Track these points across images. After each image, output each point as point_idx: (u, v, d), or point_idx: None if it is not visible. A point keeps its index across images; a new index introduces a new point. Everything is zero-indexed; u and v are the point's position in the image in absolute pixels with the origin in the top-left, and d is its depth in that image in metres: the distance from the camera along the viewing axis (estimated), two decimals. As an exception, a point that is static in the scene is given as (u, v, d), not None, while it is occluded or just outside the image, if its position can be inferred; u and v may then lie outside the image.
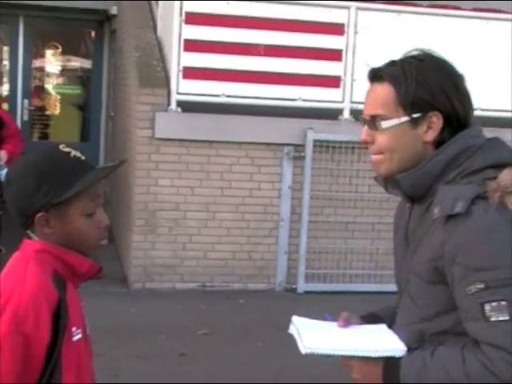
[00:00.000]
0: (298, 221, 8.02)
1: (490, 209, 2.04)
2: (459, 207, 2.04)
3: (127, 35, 9.10)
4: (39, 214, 2.21)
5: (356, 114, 7.87)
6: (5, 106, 12.11)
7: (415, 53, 2.25)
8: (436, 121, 2.18)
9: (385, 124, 2.20)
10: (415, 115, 2.17)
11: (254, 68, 7.84)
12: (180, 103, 7.75)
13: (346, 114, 8.05)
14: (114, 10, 10.66)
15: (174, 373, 5.85)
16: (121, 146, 9.43)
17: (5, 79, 12.36)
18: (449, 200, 2.07)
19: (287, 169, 7.97)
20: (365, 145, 2.28)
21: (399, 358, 2.16)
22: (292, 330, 2.33)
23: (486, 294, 2.01)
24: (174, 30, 7.70)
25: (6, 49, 12.38)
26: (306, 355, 2.18)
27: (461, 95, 2.20)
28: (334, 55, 7.96)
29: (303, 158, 7.92)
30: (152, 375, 5.78)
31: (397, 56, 2.27)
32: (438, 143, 2.20)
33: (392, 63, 2.23)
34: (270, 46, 7.83)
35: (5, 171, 7.41)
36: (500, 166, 2.12)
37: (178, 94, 7.74)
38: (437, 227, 2.11)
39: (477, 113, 2.28)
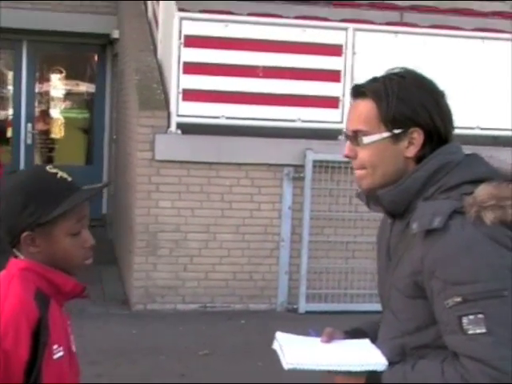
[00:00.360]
0: (299, 241, 8.05)
1: (466, 223, 2.07)
2: (437, 222, 2.07)
3: (128, 58, 9.18)
4: (25, 233, 2.25)
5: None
6: (9, 130, 12.23)
7: (397, 70, 2.29)
8: (417, 136, 2.21)
9: (366, 139, 2.23)
10: (396, 131, 2.21)
11: (253, 89, 7.90)
12: (180, 125, 7.82)
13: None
14: (115, 34, 10.76)
15: (174, 394, 5.89)
16: (123, 168, 9.50)
17: (9, 103, 12.47)
18: (427, 215, 2.11)
19: (287, 189, 8.02)
20: (349, 159, 2.32)
21: (381, 372, 2.19)
22: (275, 345, 2.35)
23: (463, 308, 2.04)
24: (173, 53, 7.78)
25: (10, 73, 12.50)
26: (289, 370, 2.21)
27: (441, 111, 2.24)
28: (333, 76, 8.01)
29: (303, 178, 7.96)
30: (152, 396, 5.81)
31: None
32: (420, 158, 2.23)
33: (374, 80, 2.27)
34: (268, 68, 7.90)
35: None
36: (477, 182, 2.15)
37: (178, 116, 7.81)
38: (416, 242, 2.14)
39: (476, 132, 2.33)
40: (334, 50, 8.06)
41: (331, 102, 8.04)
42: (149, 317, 7.76)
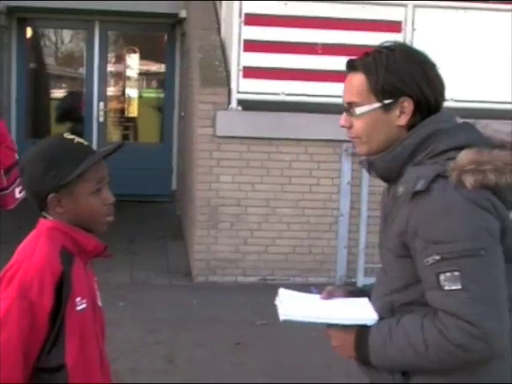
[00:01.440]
0: (357, 215, 8.16)
1: (448, 187, 2.21)
2: (420, 185, 2.21)
3: (193, 37, 9.38)
4: (51, 195, 2.47)
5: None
6: (81, 109, 12.61)
7: (388, 44, 2.43)
8: (407, 105, 2.34)
9: (359, 110, 2.38)
10: (387, 101, 2.35)
11: (312, 66, 8.00)
12: (240, 102, 7.99)
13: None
14: (183, 13, 10.97)
15: (226, 361, 6.08)
16: (188, 144, 9.73)
17: (82, 83, 12.84)
18: (412, 179, 2.25)
19: (346, 165, 8.12)
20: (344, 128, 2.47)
21: (370, 326, 2.34)
22: (277, 300, 2.52)
23: (441, 265, 2.18)
24: (233, 31, 7.94)
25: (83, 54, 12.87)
26: (284, 322, 2.37)
27: (430, 82, 2.36)
28: (392, 52, 8.04)
29: (362, 154, 8.03)
30: (204, 363, 6.02)
31: (455, 53, 2.44)
32: (412, 127, 2.37)
33: (366, 54, 2.41)
34: (327, 45, 7.98)
35: None
36: (462, 148, 2.27)
37: (239, 92, 7.98)
38: (403, 204, 2.28)
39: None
40: (394, 27, 8.10)
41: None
42: (210, 288, 7.98)
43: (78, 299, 2.44)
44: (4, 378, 2.34)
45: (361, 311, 2.41)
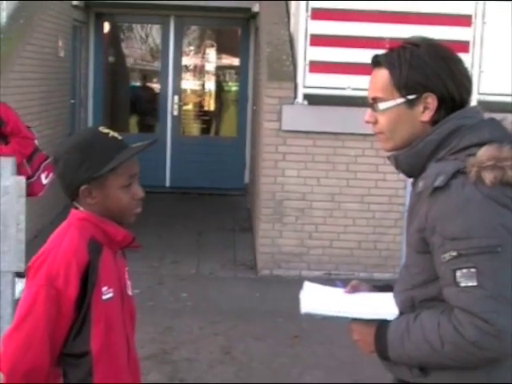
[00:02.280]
0: (423, 212, 8.07)
1: (468, 183, 2.19)
2: (439, 181, 2.20)
3: (263, 32, 9.43)
4: (83, 187, 2.54)
5: (484, 105, 7.83)
6: (155, 102, 12.81)
7: (413, 39, 2.41)
8: (431, 101, 2.33)
9: (382, 106, 2.38)
10: (410, 97, 2.34)
11: (379, 61, 7.94)
12: (306, 96, 8.01)
13: (471, 105, 8.00)
14: (256, 8, 11.01)
15: (284, 354, 6.12)
16: (257, 138, 9.79)
17: (157, 77, 13.05)
18: (432, 175, 2.24)
19: (412, 160, 8.04)
20: (369, 124, 2.47)
21: (390, 321, 2.34)
22: (301, 293, 2.54)
23: (458, 262, 2.17)
24: (300, 26, 7.96)
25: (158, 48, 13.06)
26: (305, 315, 2.40)
27: (455, 77, 2.34)
28: (462, 47, 7.92)
29: (428, 149, 7.96)
30: (261, 355, 6.07)
31: None
32: (436, 123, 2.35)
33: (391, 49, 2.41)
34: (395, 39, 7.87)
35: None
36: (485, 144, 2.25)
37: (305, 87, 8.00)
38: (423, 200, 2.28)
39: None
40: (464, 21, 7.99)
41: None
42: (273, 282, 8.03)
43: (105, 288, 2.51)
44: (31, 361, 2.43)
45: (383, 306, 2.41)
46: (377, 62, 2.42)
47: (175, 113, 12.63)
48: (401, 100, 2.35)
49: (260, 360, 5.98)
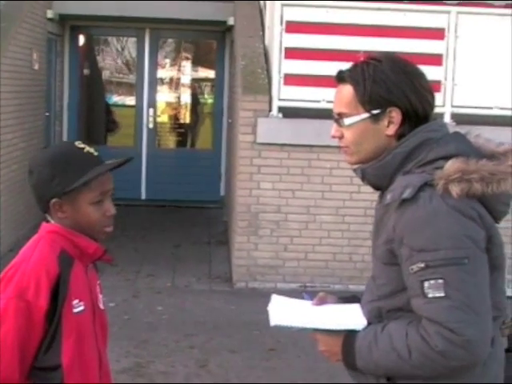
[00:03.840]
0: (398, 224, 8.10)
1: (435, 195, 2.23)
2: (407, 193, 2.24)
3: (238, 45, 9.45)
4: (53, 200, 2.54)
5: (457, 118, 7.91)
6: (132, 115, 12.80)
7: (376, 54, 2.45)
8: (395, 115, 2.37)
9: (347, 121, 2.41)
10: (375, 111, 2.37)
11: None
12: (281, 109, 8.04)
13: (447, 118, 8.08)
14: (231, 21, 11.05)
15: (260, 367, 6.12)
16: (232, 151, 9.81)
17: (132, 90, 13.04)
18: (400, 187, 2.27)
19: (387, 172, 8.08)
20: (335, 138, 2.49)
21: (357, 331, 2.36)
22: (269, 306, 2.56)
23: (425, 273, 2.20)
24: (275, 39, 8.00)
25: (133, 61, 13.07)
26: (275, 327, 2.41)
27: (418, 92, 2.38)
28: (435, 60, 8.01)
29: (403, 161, 8.00)
30: (237, 368, 6.06)
31: (499, 60, 2.45)
32: (400, 136, 2.39)
33: (355, 65, 2.44)
34: (369, 53, 7.95)
35: None
36: (451, 157, 2.29)
37: (280, 100, 8.04)
38: (391, 212, 2.31)
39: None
40: (436, 34, 8.07)
41: (433, 86, 8.00)
42: (249, 294, 8.03)
43: (76, 302, 2.50)
44: (1, 375, 2.41)
45: (350, 317, 2.43)
46: (341, 77, 2.44)
47: (150, 125, 12.63)
48: (365, 115, 2.38)
49: (236, 373, 5.97)
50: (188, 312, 7.40)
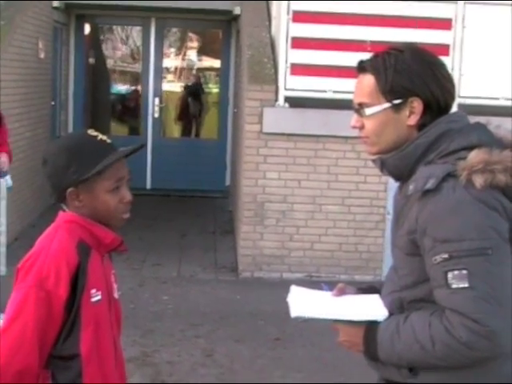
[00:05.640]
0: (404, 214, 8.10)
1: (458, 186, 2.22)
2: (430, 184, 2.23)
3: (244, 34, 9.44)
4: (70, 189, 2.54)
5: (464, 108, 7.87)
6: (136, 104, 12.79)
7: (397, 45, 2.44)
8: (417, 105, 2.36)
9: (368, 111, 2.40)
10: (396, 101, 2.36)
11: (360, 64, 7.97)
12: (287, 99, 8.03)
13: (454, 109, 8.03)
14: (237, 10, 11.03)
15: (265, 356, 6.12)
16: (238, 141, 9.80)
17: (138, 79, 13.03)
18: (422, 178, 2.27)
19: (393, 163, 8.07)
20: (356, 129, 2.49)
21: (379, 322, 2.37)
22: (288, 297, 2.56)
23: (449, 264, 2.20)
24: (281, 28, 7.98)
25: (139, 50, 13.05)
26: (295, 319, 2.42)
27: (440, 82, 2.37)
28: (442, 50, 7.96)
29: (409, 152, 7.99)
30: (243, 358, 6.07)
31: (507, 51, 2.44)
32: (422, 127, 2.38)
33: (376, 55, 2.43)
34: (376, 42, 7.95)
35: (8, 176, 7.38)
36: (473, 148, 2.28)
37: (286, 89, 8.02)
38: (413, 203, 2.30)
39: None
40: (444, 24, 8.04)
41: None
42: (255, 284, 8.04)
43: (93, 291, 2.51)
44: (21, 363, 2.41)
45: (371, 308, 2.43)
46: (362, 67, 2.44)
47: (156, 115, 12.62)
48: (387, 105, 2.37)
49: (242, 362, 5.98)
50: (193, 301, 7.41)
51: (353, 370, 5.77)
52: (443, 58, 2.59)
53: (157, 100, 12.58)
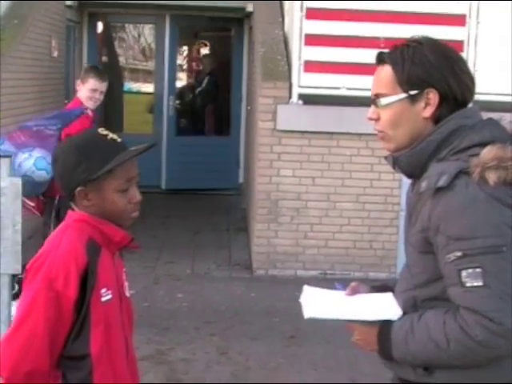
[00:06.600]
0: (419, 211, 8.07)
1: (471, 183, 2.20)
2: (442, 181, 2.21)
3: (257, 31, 9.42)
4: (79, 188, 2.53)
5: (478, 104, 7.84)
6: (150, 102, 12.78)
7: (417, 37, 2.43)
8: (432, 97, 2.34)
9: (384, 100, 2.39)
10: (412, 92, 2.35)
11: (373, 60, 7.93)
12: (301, 96, 8.01)
13: (469, 105, 8.00)
14: (250, 8, 11.01)
15: (280, 354, 6.11)
16: (252, 138, 9.79)
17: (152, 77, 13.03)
18: (435, 175, 2.25)
19: (407, 159, 8.04)
20: (371, 121, 2.47)
21: (393, 321, 2.35)
22: (301, 298, 2.54)
23: (463, 262, 2.18)
24: (294, 25, 7.96)
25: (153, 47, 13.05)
26: (309, 319, 2.40)
27: (457, 76, 2.35)
28: (456, 46, 7.83)
29: (423, 148, 7.96)
30: (258, 355, 6.06)
31: None
32: (438, 119, 2.36)
33: (395, 47, 2.42)
34: (389, 39, 7.90)
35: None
36: (486, 144, 2.26)
37: (300, 87, 8.00)
38: (426, 200, 2.28)
39: None
40: (458, 20, 8.00)
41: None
42: (269, 281, 8.03)
43: (103, 290, 2.50)
44: (31, 363, 2.42)
45: (385, 307, 2.41)
46: (381, 59, 2.43)
47: (170, 113, 12.60)
48: (403, 95, 2.36)
49: (256, 360, 5.97)
50: (208, 299, 7.40)
51: (368, 368, 5.75)
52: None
53: (171, 98, 12.54)
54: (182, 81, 13.20)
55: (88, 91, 6.36)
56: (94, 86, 6.37)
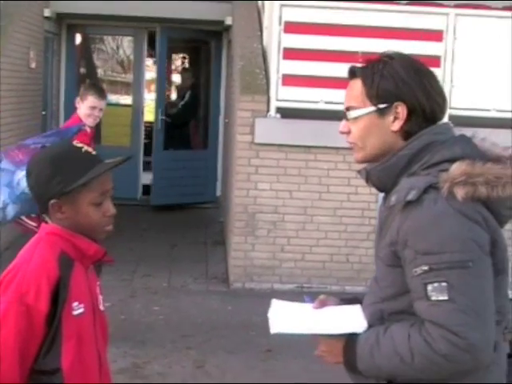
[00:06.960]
0: (395, 225, 8.10)
1: (440, 198, 2.22)
2: (411, 195, 2.23)
3: (236, 45, 9.45)
4: (52, 201, 2.51)
5: (455, 120, 7.88)
6: (128, 114, 12.74)
7: (389, 52, 2.45)
8: (401, 111, 2.36)
9: (353, 113, 2.42)
10: (381, 106, 2.37)
11: (351, 75, 7.99)
12: (279, 109, 8.03)
13: (445, 120, 8.05)
14: (229, 21, 11.04)
15: (257, 368, 6.11)
16: (229, 151, 9.79)
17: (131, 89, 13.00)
18: (404, 189, 2.26)
19: (384, 174, 8.08)
20: (343, 134, 2.49)
21: (359, 334, 2.35)
22: (269, 312, 2.53)
23: (429, 276, 2.19)
24: (273, 39, 7.99)
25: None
26: (275, 334, 2.40)
27: (426, 90, 2.38)
28: (433, 61, 7.98)
29: (400, 163, 8.00)
30: (234, 369, 6.05)
31: (498, 62, 2.44)
32: (406, 133, 2.38)
33: (367, 62, 2.44)
34: (367, 54, 7.93)
35: None
36: (456, 160, 2.28)
37: (278, 100, 8.03)
38: (396, 214, 2.29)
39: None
40: (435, 35, 8.06)
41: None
42: (246, 295, 8.01)
43: (75, 304, 2.48)
44: (1, 378, 2.39)
45: (351, 320, 2.41)
46: (352, 73, 2.46)
47: (159, 127, 12.54)
48: (372, 108, 2.38)
49: (233, 374, 5.96)
50: (185, 312, 7.38)
51: (343, 382, 5.75)
52: (434, 70, 2.61)
53: (159, 111, 12.39)
54: (169, 93, 13.13)
55: (87, 108, 6.37)
56: (94, 104, 6.38)
